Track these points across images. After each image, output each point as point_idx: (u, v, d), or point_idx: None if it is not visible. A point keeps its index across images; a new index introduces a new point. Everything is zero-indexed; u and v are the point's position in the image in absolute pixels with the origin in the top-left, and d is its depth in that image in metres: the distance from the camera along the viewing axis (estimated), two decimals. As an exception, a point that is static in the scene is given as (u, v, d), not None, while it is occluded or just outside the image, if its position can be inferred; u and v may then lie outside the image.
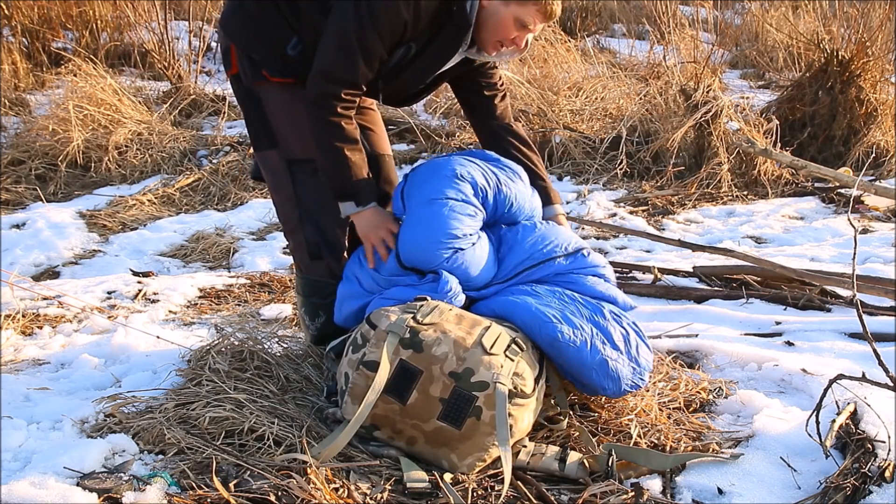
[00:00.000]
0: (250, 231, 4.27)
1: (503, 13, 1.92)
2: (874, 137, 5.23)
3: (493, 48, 2.00)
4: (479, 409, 1.69)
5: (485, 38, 1.98)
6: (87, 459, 1.59)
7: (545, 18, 1.95)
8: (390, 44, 1.91)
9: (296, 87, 2.05)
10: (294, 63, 2.02)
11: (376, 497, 1.58)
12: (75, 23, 7.21)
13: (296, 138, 2.07)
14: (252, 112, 2.11)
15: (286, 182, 2.10)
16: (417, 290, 1.92)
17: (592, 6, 9.35)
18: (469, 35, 1.96)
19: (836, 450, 1.78)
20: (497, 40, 1.97)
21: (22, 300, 2.95)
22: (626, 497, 1.63)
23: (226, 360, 2.09)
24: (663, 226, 4.32)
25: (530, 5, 1.91)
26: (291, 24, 2.00)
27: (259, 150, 2.14)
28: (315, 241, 2.11)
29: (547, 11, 1.93)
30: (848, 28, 5.70)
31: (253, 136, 2.15)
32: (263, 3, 2.02)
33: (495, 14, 1.93)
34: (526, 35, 1.97)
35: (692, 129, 4.91)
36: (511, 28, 1.94)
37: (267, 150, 2.11)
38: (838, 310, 2.91)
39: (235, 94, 2.18)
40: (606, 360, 1.86)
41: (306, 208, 2.10)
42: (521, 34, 1.96)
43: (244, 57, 2.06)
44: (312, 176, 2.08)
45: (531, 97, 5.73)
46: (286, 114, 2.06)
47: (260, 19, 2.02)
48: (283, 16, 2.00)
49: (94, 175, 5.08)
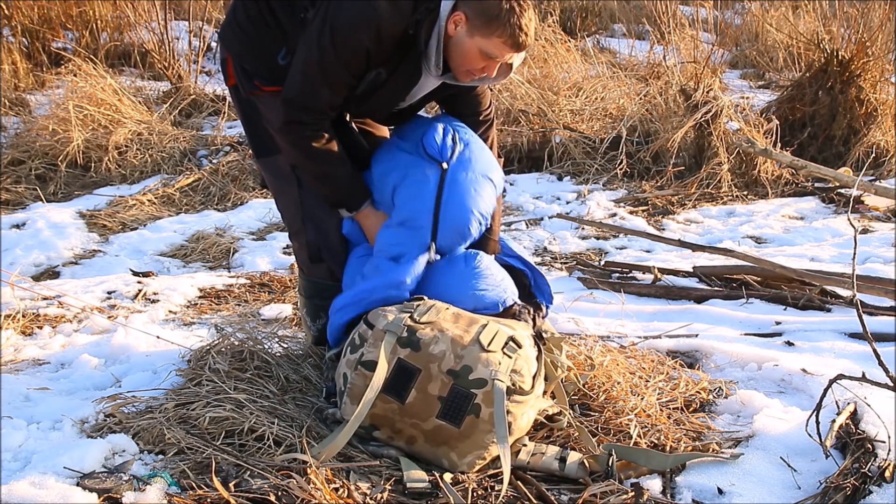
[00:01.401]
0: (250, 231, 4.27)
1: (468, 44, 1.87)
2: (874, 137, 5.23)
3: (465, 76, 1.96)
4: (477, 407, 1.69)
5: (454, 66, 1.93)
6: (87, 459, 1.60)
7: (513, 49, 1.88)
8: (357, 70, 1.90)
9: None
10: (285, 72, 2.02)
11: (376, 497, 1.58)
12: (75, 23, 7.21)
13: None
14: (255, 119, 2.11)
15: (292, 185, 2.11)
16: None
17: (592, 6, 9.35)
18: (433, 61, 1.91)
19: (836, 450, 1.78)
20: (466, 69, 1.93)
21: (22, 300, 2.95)
22: (626, 497, 1.63)
23: (226, 360, 2.10)
24: (663, 226, 4.32)
25: (494, 38, 1.84)
26: (278, 35, 2.01)
27: (262, 156, 2.15)
28: (316, 244, 2.12)
29: (513, 43, 1.85)
30: (848, 28, 5.70)
31: (255, 143, 2.16)
32: (252, 17, 2.03)
33: (460, 45, 1.88)
34: (495, 65, 1.92)
35: (692, 129, 4.91)
36: (477, 59, 1.89)
37: (271, 157, 2.12)
38: (838, 310, 2.91)
39: (235, 104, 2.19)
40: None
41: (309, 210, 2.11)
42: (489, 64, 1.91)
43: (239, 68, 2.08)
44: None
45: (531, 97, 5.73)
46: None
47: (250, 30, 2.04)
48: (269, 27, 2.02)
49: (94, 175, 5.08)
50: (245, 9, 2.03)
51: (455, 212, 1.98)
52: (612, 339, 2.61)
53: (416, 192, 1.99)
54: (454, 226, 1.99)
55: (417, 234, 1.98)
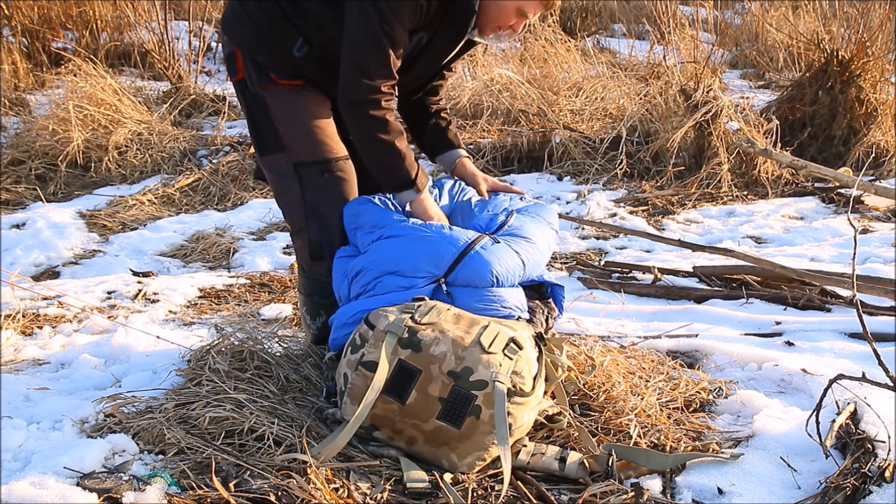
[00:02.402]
0: (250, 231, 4.27)
1: (506, 3, 2.00)
2: (874, 137, 5.23)
3: (491, 31, 2.08)
4: (478, 408, 1.69)
5: (483, 23, 2.05)
6: (87, 459, 1.59)
7: (545, 9, 2.04)
8: (410, 31, 1.96)
9: (303, 90, 2.07)
10: (300, 64, 2.03)
11: (376, 497, 1.58)
12: (75, 23, 7.22)
13: (302, 141, 2.07)
14: (259, 116, 2.10)
15: (294, 185, 2.10)
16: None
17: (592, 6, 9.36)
18: (474, 20, 2.03)
19: (836, 450, 1.78)
20: (496, 26, 2.05)
21: (22, 300, 2.95)
22: (626, 497, 1.63)
23: (226, 360, 2.09)
24: (663, 226, 4.32)
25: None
26: (296, 24, 2.01)
27: (265, 154, 2.14)
28: (318, 242, 2.12)
29: (548, 4, 2.02)
30: (848, 28, 5.70)
31: (259, 141, 2.14)
32: (264, 4, 2.02)
33: (498, 3, 2.00)
34: (522, 23, 2.07)
35: (692, 129, 4.91)
36: (512, 16, 2.02)
37: (274, 154, 2.11)
38: (838, 310, 2.91)
39: (240, 100, 2.17)
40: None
41: (312, 208, 2.11)
42: (519, 21, 2.05)
43: (249, 61, 2.06)
44: (320, 177, 2.08)
45: (531, 97, 5.73)
46: (293, 117, 2.07)
47: (262, 21, 2.03)
48: (286, 16, 2.01)
49: (94, 175, 5.08)
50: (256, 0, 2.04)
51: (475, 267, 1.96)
52: (612, 339, 2.61)
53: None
54: (471, 278, 1.96)
55: (437, 267, 1.96)
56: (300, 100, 2.06)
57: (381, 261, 1.96)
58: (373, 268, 1.97)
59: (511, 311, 1.98)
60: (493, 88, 5.85)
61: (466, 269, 1.93)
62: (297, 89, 2.07)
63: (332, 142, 2.09)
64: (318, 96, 2.10)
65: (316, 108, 2.09)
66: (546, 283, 2.19)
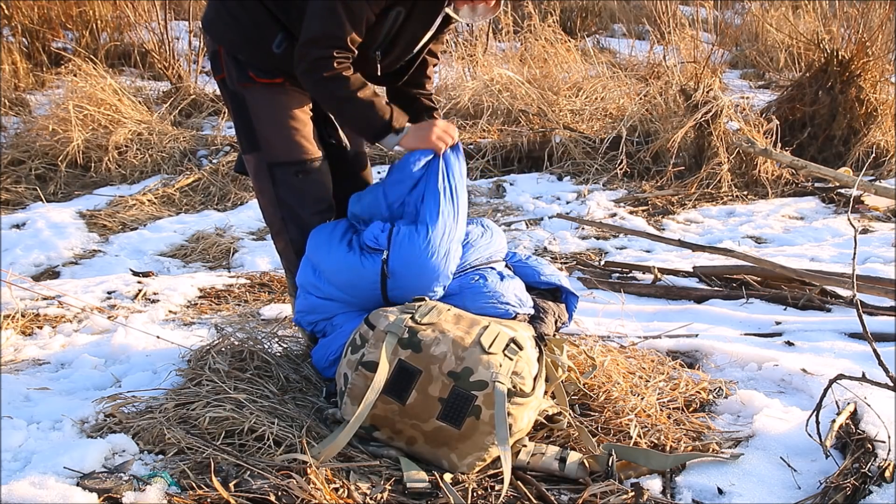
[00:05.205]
0: (250, 231, 4.27)
1: None
2: (874, 137, 5.23)
3: (464, 2, 2.03)
4: (478, 409, 1.69)
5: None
6: (87, 459, 1.60)
7: None
8: (384, 7, 1.92)
9: (282, 88, 2.06)
10: (280, 61, 2.02)
11: (376, 497, 1.58)
12: (75, 23, 7.21)
13: (279, 141, 2.07)
14: (237, 115, 2.11)
15: (268, 185, 2.11)
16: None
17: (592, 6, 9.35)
18: None
19: (836, 450, 1.78)
20: (472, 1, 2.01)
21: (22, 300, 2.95)
22: (626, 497, 1.63)
23: (226, 360, 2.09)
24: (663, 226, 4.32)
25: None
26: (278, 18, 2.00)
27: (246, 152, 2.15)
28: (299, 241, 2.12)
29: None
30: (848, 28, 5.70)
31: (240, 139, 2.15)
32: (245, 2, 2.02)
33: None
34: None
35: (692, 129, 4.90)
36: None
37: (249, 154, 2.12)
38: (838, 310, 2.91)
39: (223, 98, 2.19)
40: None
41: (288, 209, 2.11)
42: None
43: (230, 59, 2.06)
44: (294, 177, 2.08)
45: (531, 97, 5.73)
46: (270, 116, 2.07)
47: (243, 19, 2.03)
48: (267, 11, 2.01)
49: (94, 175, 5.08)
50: None
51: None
52: (612, 339, 2.61)
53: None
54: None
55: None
56: (279, 99, 2.06)
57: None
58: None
59: (509, 307, 1.99)
60: (493, 88, 5.85)
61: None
62: (277, 88, 2.06)
63: (307, 143, 2.09)
64: (298, 95, 2.09)
65: (295, 108, 2.08)
66: (562, 288, 2.20)
